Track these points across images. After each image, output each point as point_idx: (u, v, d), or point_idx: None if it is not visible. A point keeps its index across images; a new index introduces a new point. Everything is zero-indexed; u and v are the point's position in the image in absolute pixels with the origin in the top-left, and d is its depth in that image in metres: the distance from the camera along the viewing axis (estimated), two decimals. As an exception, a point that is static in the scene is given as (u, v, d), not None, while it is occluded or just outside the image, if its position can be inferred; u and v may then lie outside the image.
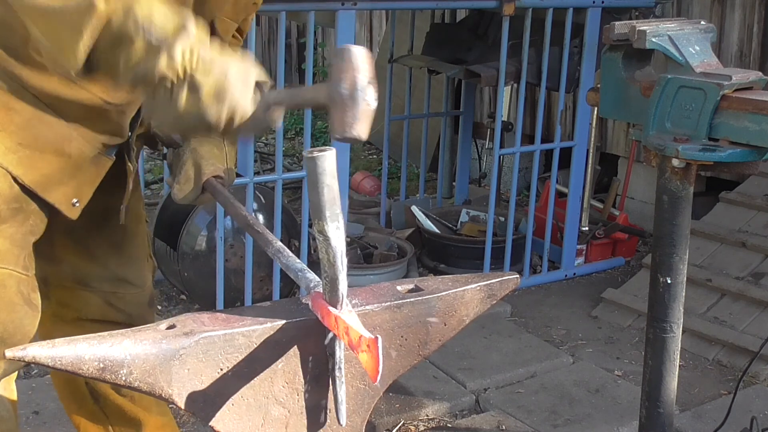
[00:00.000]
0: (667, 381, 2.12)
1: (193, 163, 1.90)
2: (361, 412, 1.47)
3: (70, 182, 1.74)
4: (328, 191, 1.24)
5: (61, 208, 1.75)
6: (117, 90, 1.67)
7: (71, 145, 1.71)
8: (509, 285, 1.57)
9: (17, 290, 1.70)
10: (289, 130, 6.97)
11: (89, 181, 1.79)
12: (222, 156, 1.94)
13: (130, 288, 2.06)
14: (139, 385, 1.25)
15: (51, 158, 1.69)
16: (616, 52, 2.13)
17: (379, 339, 1.21)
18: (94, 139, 1.73)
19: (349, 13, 3.42)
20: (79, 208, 1.78)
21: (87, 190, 1.79)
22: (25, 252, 1.72)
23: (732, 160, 1.93)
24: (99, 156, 1.77)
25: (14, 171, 1.65)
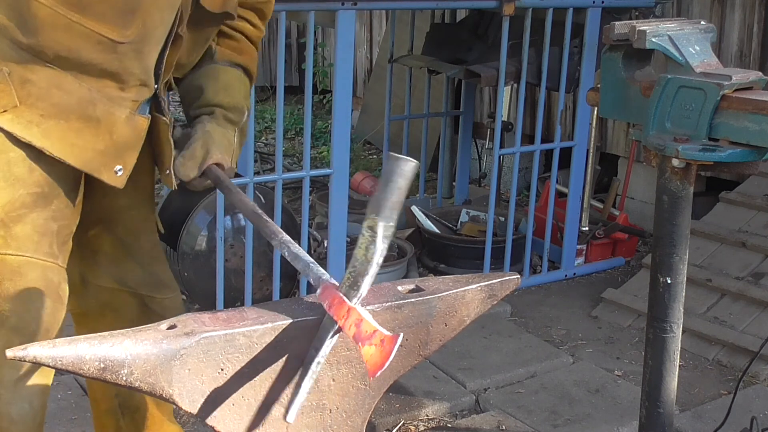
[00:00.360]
0: (667, 381, 2.13)
1: (203, 143, 1.85)
2: (362, 412, 1.48)
3: (107, 149, 1.68)
4: (397, 194, 1.25)
5: (102, 177, 1.69)
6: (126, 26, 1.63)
7: (96, 108, 1.65)
8: (510, 285, 1.57)
9: (38, 277, 1.65)
10: (289, 130, 6.96)
11: (130, 145, 1.73)
12: (230, 150, 1.91)
13: (168, 291, 2.03)
14: (140, 385, 1.25)
15: (79, 126, 1.64)
16: (616, 52, 2.13)
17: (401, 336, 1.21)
18: (119, 97, 1.68)
19: (349, 13, 3.43)
20: (124, 176, 1.72)
21: (129, 155, 1.73)
22: (48, 239, 1.67)
23: (732, 160, 1.93)
24: (132, 116, 1.71)
25: (39, 143, 1.61)
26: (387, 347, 1.21)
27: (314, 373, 1.34)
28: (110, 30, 1.61)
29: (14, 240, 1.63)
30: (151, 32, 1.68)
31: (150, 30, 1.67)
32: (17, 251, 1.63)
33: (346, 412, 1.46)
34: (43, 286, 1.67)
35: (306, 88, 3.51)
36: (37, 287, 1.66)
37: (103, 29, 1.61)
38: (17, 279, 1.64)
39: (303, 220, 3.63)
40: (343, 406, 1.45)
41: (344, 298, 1.31)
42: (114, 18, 1.61)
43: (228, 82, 1.96)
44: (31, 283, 1.65)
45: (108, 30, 1.61)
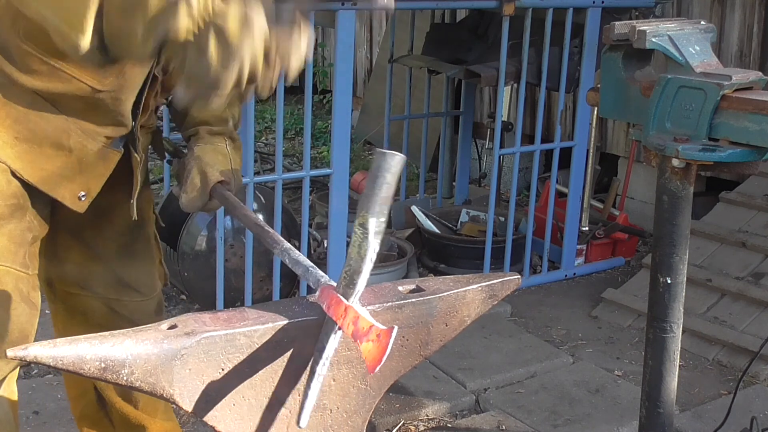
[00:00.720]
0: (667, 381, 2.13)
1: (198, 171, 1.89)
2: (362, 412, 1.48)
3: (76, 177, 1.72)
4: (386, 189, 1.25)
5: (65, 203, 1.73)
6: (106, 76, 1.65)
7: (70, 138, 1.68)
8: (510, 285, 1.57)
9: (14, 287, 1.69)
10: (289, 130, 6.97)
11: (97, 175, 1.76)
12: (227, 161, 1.93)
13: (135, 295, 2.03)
14: (141, 385, 1.25)
15: (50, 152, 1.67)
16: (616, 52, 2.13)
17: (395, 329, 1.21)
18: (94, 132, 1.71)
19: (349, 13, 3.42)
20: (86, 201, 1.76)
21: (95, 184, 1.77)
22: (24, 249, 1.71)
23: (732, 160, 1.93)
24: (104, 149, 1.74)
25: (13, 165, 1.64)
26: (383, 341, 1.21)
27: (321, 375, 1.35)
28: (90, 78, 1.64)
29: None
30: (130, 80, 1.70)
31: (129, 79, 1.69)
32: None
33: (347, 412, 1.46)
34: (18, 294, 1.70)
35: (306, 88, 3.51)
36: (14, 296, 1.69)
37: (84, 77, 1.63)
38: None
39: (303, 220, 3.62)
40: (343, 406, 1.45)
41: (341, 297, 1.31)
42: (94, 67, 1.62)
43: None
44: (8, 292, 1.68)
45: (88, 78, 1.64)
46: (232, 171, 1.93)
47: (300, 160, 5.84)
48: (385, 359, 1.20)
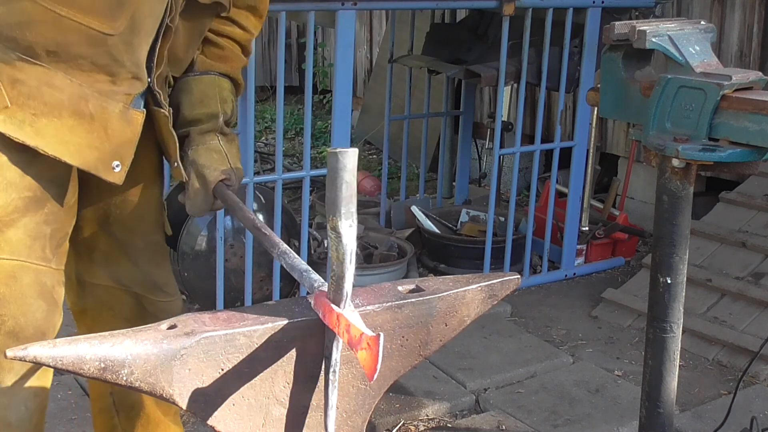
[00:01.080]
0: (667, 381, 2.12)
1: (196, 174, 1.86)
2: (362, 412, 1.48)
3: (104, 146, 1.67)
4: (346, 188, 1.24)
5: (100, 174, 1.68)
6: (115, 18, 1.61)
7: (89, 104, 1.63)
8: (510, 285, 1.57)
9: (33, 281, 1.65)
10: (289, 130, 6.97)
11: (125, 140, 1.71)
12: (222, 157, 1.90)
13: (163, 295, 2.01)
14: (140, 385, 1.25)
15: (72, 123, 1.62)
16: (616, 52, 2.13)
17: (381, 336, 1.21)
18: (111, 91, 1.66)
19: (349, 13, 3.43)
20: (122, 171, 1.71)
21: (126, 150, 1.71)
22: (41, 242, 1.66)
23: (732, 160, 1.93)
24: (126, 111, 1.69)
25: (33, 143, 1.59)
26: (374, 348, 1.21)
27: (334, 381, 1.36)
28: (99, 22, 1.60)
29: (7, 244, 1.62)
30: (141, 24, 1.65)
31: (139, 22, 1.65)
32: (11, 255, 1.63)
33: (347, 412, 1.46)
34: (37, 290, 1.66)
35: (306, 88, 3.51)
36: (32, 291, 1.65)
37: (92, 21, 1.59)
38: (12, 283, 1.63)
39: (303, 220, 3.63)
40: (343, 406, 1.45)
41: (332, 305, 1.31)
42: (102, 10, 1.59)
43: (203, 92, 1.93)
44: (25, 288, 1.64)
45: (97, 22, 1.60)
46: (231, 167, 1.91)
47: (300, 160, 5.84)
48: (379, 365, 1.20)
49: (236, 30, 1.98)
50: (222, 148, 1.92)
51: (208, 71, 1.96)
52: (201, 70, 1.95)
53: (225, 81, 1.98)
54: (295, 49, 8.06)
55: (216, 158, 1.90)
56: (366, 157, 6.50)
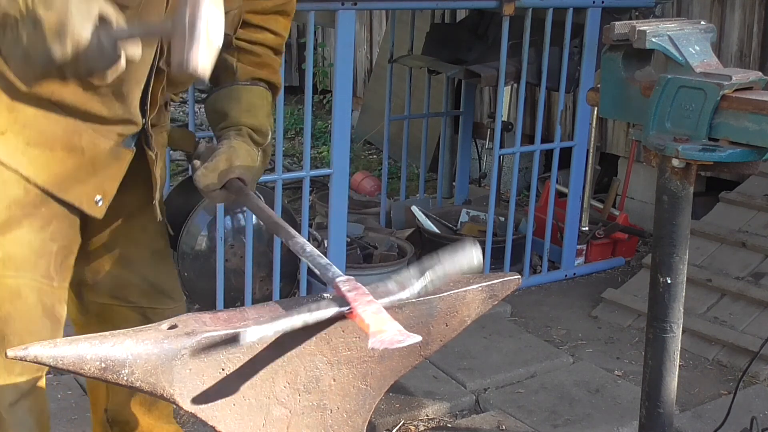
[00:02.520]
0: (667, 381, 2.13)
1: (227, 157, 1.83)
2: (362, 412, 1.48)
3: (89, 179, 1.68)
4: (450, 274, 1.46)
5: (82, 207, 1.69)
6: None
7: (82, 138, 1.65)
8: (511, 285, 1.57)
9: (37, 300, 1.64)
10: (289, 130, 6.97)
11: (111, 176, 1.72)
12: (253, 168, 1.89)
13: (169, 302, 2.00)
14: (141, 385, 1.25)
15: (63, 155, 1.63)
16: (616, 52, 2.13)
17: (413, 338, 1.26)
18: (106, 129, 1.68)
19: (349, 13, 3.43)
20: (103, 206, 1.72)
21: (110, 185, 1.73)
22: (46, 260, 1.66)
23: (732, 160, 1.93)
24: (117, 148, 1.71)
25: (25, 172, 1.61)
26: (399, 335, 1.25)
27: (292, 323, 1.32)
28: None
29: (12, 262, 1.62)
30: (131, 74, 1.65)
31: (129, 72, 1.63)
32: (16, 273, 1.62)
33: (347, 412, 1.46)
34: (41, 308, 1.66)
35: (306, 88, 3.51)
36: (37, 310, 1.65)
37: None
38: (17, 301, 1.62)
39: (303, 220, 3.62)
40: (343, 407, 1.46)
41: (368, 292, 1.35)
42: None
43: (251, 102, 1.94)
44: (30, 306, 1.64)
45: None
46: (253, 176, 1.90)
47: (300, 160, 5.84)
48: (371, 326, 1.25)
49: (268, 36, 1.98)
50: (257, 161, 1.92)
51: (256, 82, 1.96)
52: (245, 79, 1.96)
53: (269, 93, 2.00)
54: (295, 49, 8.06)
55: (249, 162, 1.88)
56: (366, 157, 6.50)
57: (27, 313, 1.63)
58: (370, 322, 1.28)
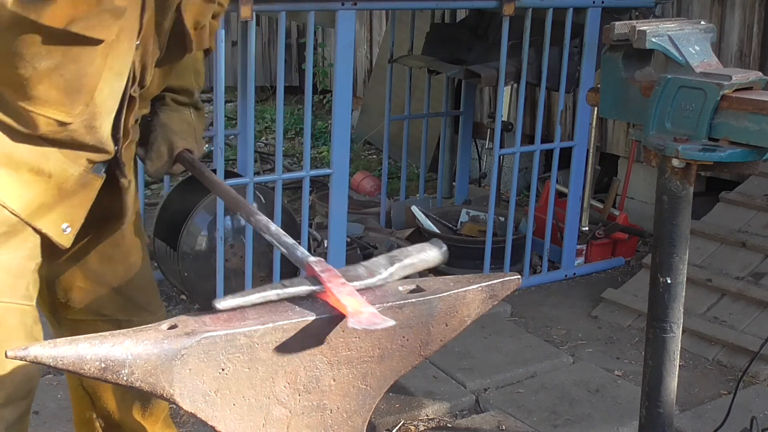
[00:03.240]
0: (667, 381, 2.13)
1: (164, 138, 1.86)
2: (362, 412, 1.48)
3: (57, 206, 1.63)
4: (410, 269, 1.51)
5: (50, 235, 1.63)
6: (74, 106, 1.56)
7: (49, 163, 1.59)
8: (511, 285, 1.57)
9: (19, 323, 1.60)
10: (289, 130, 6.97)
11: (79, 203, 1.67)
12: (191, 129, 1.91)
13: (146, 315, 1.96)
14: (141, 385, 1.25)
15: (28, 178, 1.58)
16: (616, 52, 2.13)
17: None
18: (75, 155, 1.62)
19: (349, 13, 3.43)
20: (71, 234, 1.67)
21: (78, 213, 1.68)
22: (25, 280, 1.62)
23: (732, 160, 1.93)
24: (85, 174, 1.65)
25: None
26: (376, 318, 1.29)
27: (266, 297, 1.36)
28: (55, 112, 1.56)
29: None
30: (101, 106, 1.61)
31: (100, 104, 1.60)
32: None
33: (347, 412, 1.46)
34: (23, 331, 1.61)
35: (306, 88, 3.51)
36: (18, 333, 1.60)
37: (48, 111, 1.55)
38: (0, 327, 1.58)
39: (303, 220, 3.63)
40: (343, 407, 1.45)
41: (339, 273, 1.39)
42: (58, 98, 1.54)
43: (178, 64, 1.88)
44: (12, 330, 1.59)
45: (53, 112, 1.55)
46: (196, 139, 1.93)
47: (300, 160, 5.84)
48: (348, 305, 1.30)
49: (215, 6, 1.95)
50: (193, 121, 1.94)
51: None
52: None
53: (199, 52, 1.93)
54: (295, 49, 8.06)
55: (186, 129, 1.91)
56: (366, 157, 6.50)
57: (9, 337, 1.58)
58: (347, 302, 1.31)
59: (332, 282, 1.36)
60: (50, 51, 1.49)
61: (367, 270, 1.45)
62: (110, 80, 1.60)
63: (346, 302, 1.31)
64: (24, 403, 1.64)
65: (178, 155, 1.88)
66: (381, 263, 1.47)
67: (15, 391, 1.60)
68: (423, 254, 1.50)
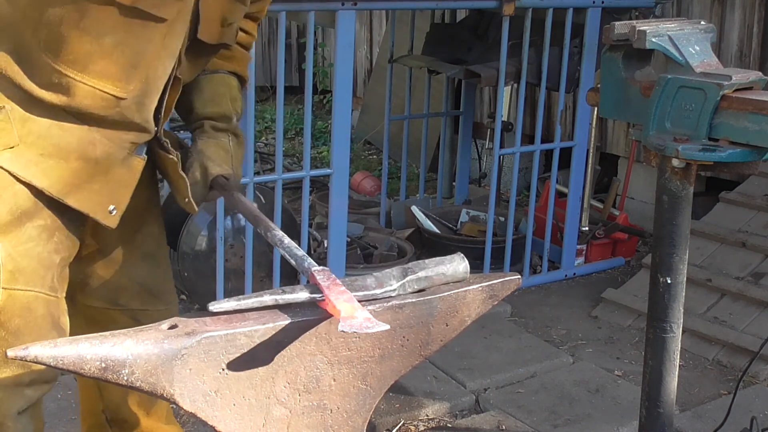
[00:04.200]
0: (667, 381, 2.13)
1: (199, 164, 1.88)
2: (362, 412, 1.48)
3: (103, 189, 1.68)
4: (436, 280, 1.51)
5: (97, 217, 1.69)
6: (129, 81, 1.62)
7: (96, 148, 1.65)
8: (511, 285, 1.57)
9: (45, 313, 1.64)
10: (289, 130, 6.97)
11: (124, 184, 1.73)
12: (228, 156, 1.93)
13: (160, 305, 2.00)
14: (141, 385, 1.25)
15: (77, 165, 1.63)
16: (616, 52, 2.13)
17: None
18: (119, 139, 1.68)
19: (349, 13, 3.43)
20: (117, 215, 1.73)
21: (123, 194, 1.74)
22: (52, 272, 1.66)
23: (732, 160, 1.93)
24: (129, 157, 1.72)
25: (39, 183, 1.60)
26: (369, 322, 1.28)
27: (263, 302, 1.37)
28: (113, 86, 1.61)
29: (22, 275, 1.61)
30: (153, 85, 1.67)
31: (152, 82, 1.66)
32: (26, 286, 1.62)
33: (347, 412, 1.46)
34: (50, 321, 1.66)
35: (306, 88, 3.51)
36: (46, 323, 1.65)
37: (106, 86, 1.60)
38: (27, 315, 1.62)
39: (303, 220, 3.63)
40: (344, 406, 1.46)
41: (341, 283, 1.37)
42: (117, 74, 1.60)
43: (214, 91, 1.97)
44: (39, 319, 1.64)
45: (110, 86, 1.61)
46: (232, 166, 1.93)
47: (300, 160, 5.84)
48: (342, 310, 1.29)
49: (240, 35, 2.00)
50: (230, 149, 1.95)
51: (217, 70, 1.98)
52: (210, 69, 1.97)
53: (233, 79, 2.02)
54: (295, 49, 8.06)
55: (222, 156, 1.92)
56: (366, 157, 6.50)
57: (37, 326, 1.63)
58: (341, 308, 1.31)
59: (331, 289, 1.36)
60: (115, 27, 1.55)
61: (376, 281, 1.44)
62: (164, 59, 1.67)
63: (341, 307, 1.31)
64: (46, 387, 1.69)
65: (213, 181, 1.88)
66: (393, 275, 1.46)
67: (39, 375, 1.65)
68: (442, 267, 1.48)
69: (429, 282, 1.47)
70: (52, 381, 1.71)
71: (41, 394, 1.69)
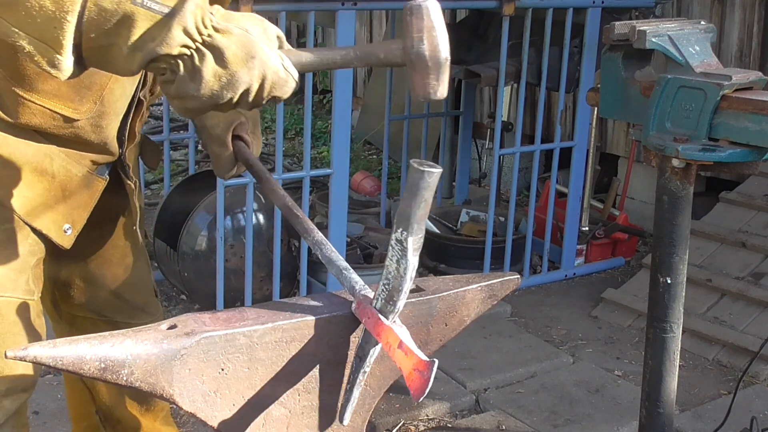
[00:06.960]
0: (667, 381, 2.13)
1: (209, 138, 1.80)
2: (362, 412, 1.48)
3: (58, 206, 1.62)
4: (424, 206, 1.21)
5: (50, 236, 1.63)
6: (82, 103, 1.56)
7: (53, 163, 1.59)
8: (510, 285, 1.57)
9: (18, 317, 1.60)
10: (289, 130, 6.97)
11: (81, 204, 1.67)
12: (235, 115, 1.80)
13: (144, 317, 1.96)
14: (141, 386, 1.25)
15: (32, 178, 1.57)
16: (616, 52, 2.13)
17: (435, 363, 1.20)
18: (79, 156, 1.62)
19: (349, 13, 3.42)
20: (72, 235, 1.66)
21: (80, 214, 1.67)
22: (25, 275, 1.61)
23: (732, 160, 1.93)
24: (89, 176, 1.66)
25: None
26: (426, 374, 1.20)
27: (361, 382, 1.38)
28: (63, 107, 1.55)
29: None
30: (110, 107, 1.60)
31: (109, 105, 1.59)
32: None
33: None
34: (24, 325, 1.61)
35: (306, 88, 3.50)
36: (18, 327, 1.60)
37: (56, 106, 1.54)
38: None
39: (303, 220, 3.61)
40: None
41: (380, 316, 1.30)
42: (68, 94, 1.54)
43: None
44: (12, 324, 1.59)
45: (61, 107, 1.55)
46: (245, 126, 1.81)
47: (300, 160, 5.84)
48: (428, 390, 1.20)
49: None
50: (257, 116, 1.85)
51: None
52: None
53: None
54: (295, 49, 8.05)
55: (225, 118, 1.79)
56: (366, 157, 6.50)
57: (8, 332, 1.58)
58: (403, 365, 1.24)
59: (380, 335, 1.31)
60: None
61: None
62: (123, 81, 1.60)
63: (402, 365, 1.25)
64: (24, 396, 1.64)
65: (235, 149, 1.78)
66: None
67: (14, 384, 1.60)
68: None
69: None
70: (30, 389, 1.65)
71: (20, 403, 1.63)
